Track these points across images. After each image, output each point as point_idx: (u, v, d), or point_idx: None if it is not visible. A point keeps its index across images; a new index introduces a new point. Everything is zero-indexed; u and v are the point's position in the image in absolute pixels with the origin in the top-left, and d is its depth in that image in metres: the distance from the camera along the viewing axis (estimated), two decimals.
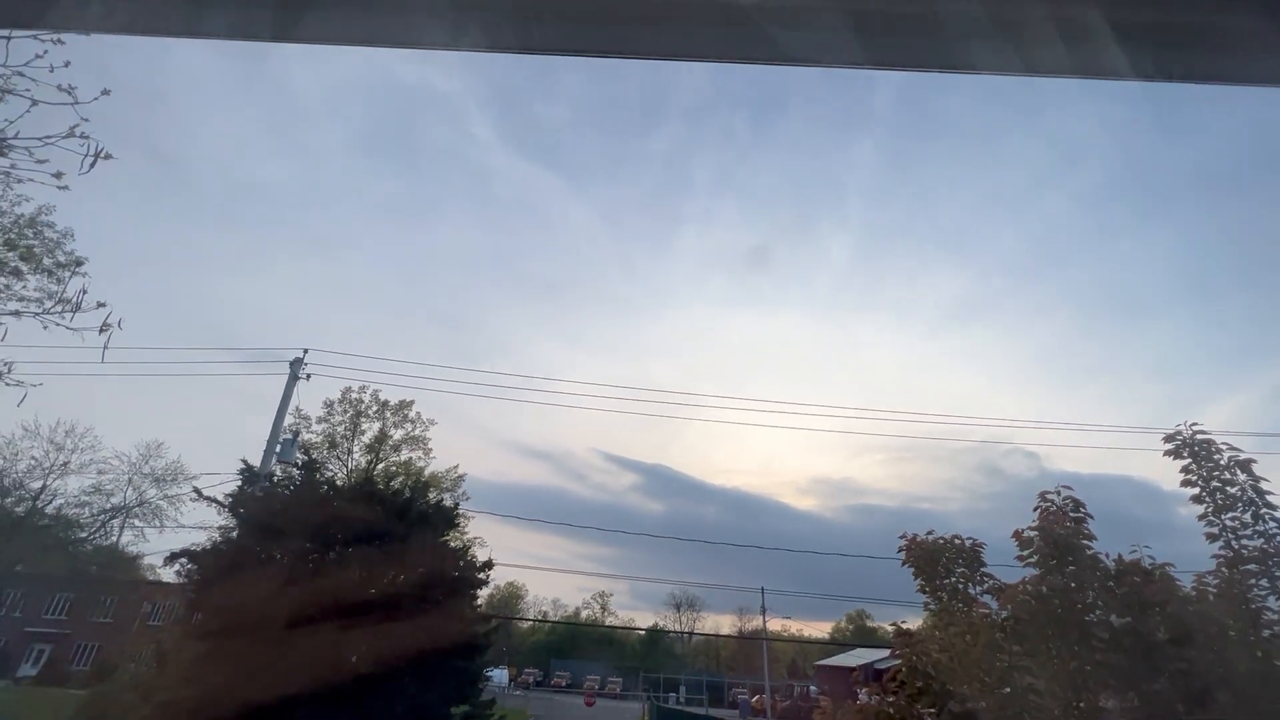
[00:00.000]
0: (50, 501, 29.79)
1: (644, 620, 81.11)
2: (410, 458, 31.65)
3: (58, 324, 6.85)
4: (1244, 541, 5.09)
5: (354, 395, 31.35)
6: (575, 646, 74.95)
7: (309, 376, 19.24)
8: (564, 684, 64.95)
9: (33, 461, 29.38)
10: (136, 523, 31.70)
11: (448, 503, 15.62)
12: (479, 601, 14.52)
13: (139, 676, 9.37)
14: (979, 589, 5.91)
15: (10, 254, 9.26)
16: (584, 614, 79.12)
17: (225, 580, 10.02)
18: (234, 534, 11.47)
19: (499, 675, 44.38)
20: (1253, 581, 4.93)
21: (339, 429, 31.11)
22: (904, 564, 6.26)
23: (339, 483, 18.62)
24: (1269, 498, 5.06)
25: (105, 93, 5.61)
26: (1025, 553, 5.61)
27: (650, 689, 55.81)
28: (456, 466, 32.81)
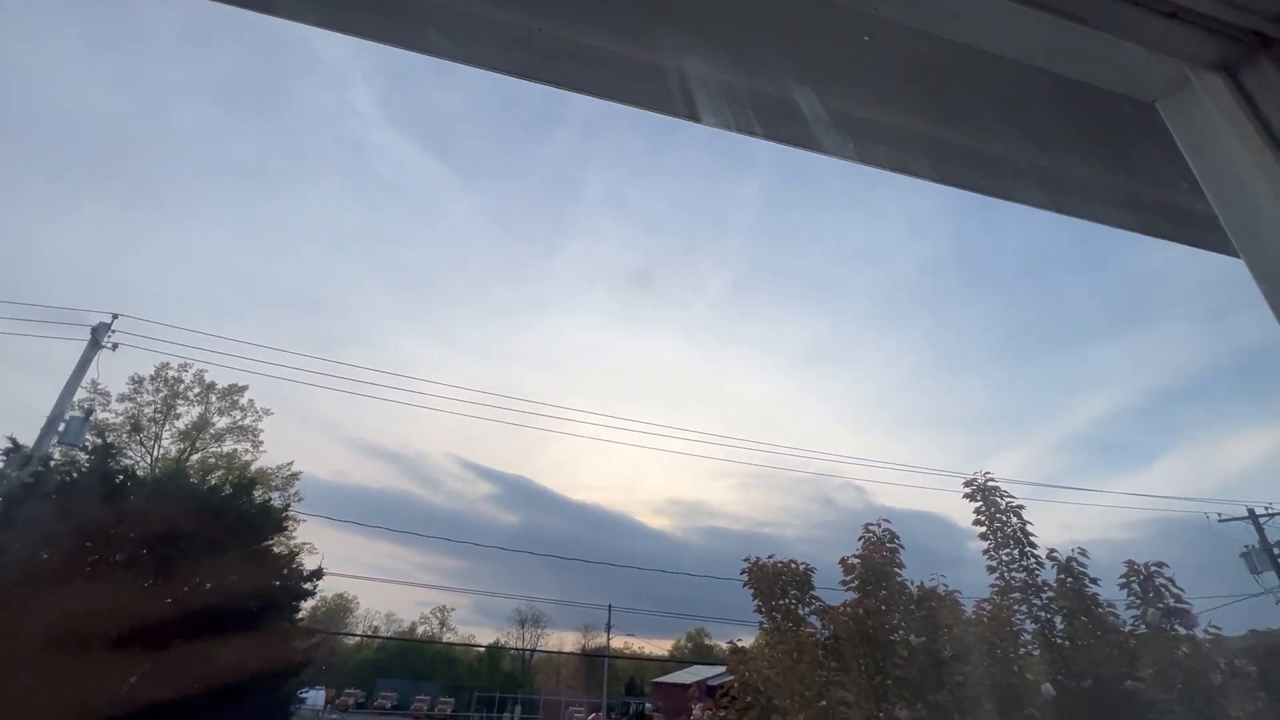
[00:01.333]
0: None
1: (486, 637, 77.96)
2: (235, 450, 28.02)
3: None
4: (1012, 574, 6.09)
5: (171, 373, 27.23)
6: (407, 665, 70.04)
7: (115, 346, 16.42)
8: (390, 705, 60.29)
9: None
10: None
11: (276, 503, 14.05)
12: (301, 615, 13.13)
13: None
14: (808, 610, 6.46)
15: None
16: (420, 629, 74.38)
17: None
18: None
19: (315, 696, 40.12)
20: (1016, 608, 5.90)
21: (147, 410, 26.81)
22: (745, 585, 6.68)
23: (140, 473, 15.99)
24: (1032, 538, 6.11)
25: None
26: (849, 578, 6.23)
27: (484, 709, 53.61)
28: (291, 463, 29.55)
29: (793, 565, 6.75)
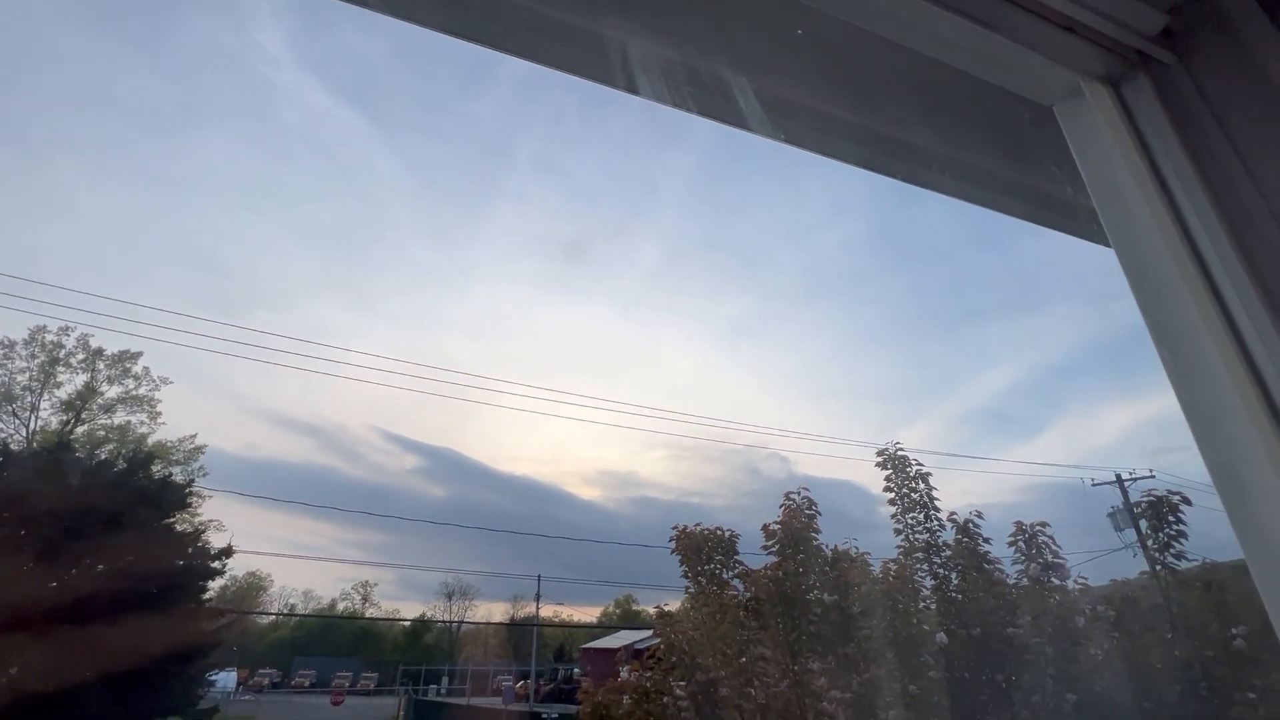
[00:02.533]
0: None
1: (411, 611, 76.65)
2: (129, 422, 25.82)
3: None
4: (916, 535, 6.62)
5: (50, 337, 24.58)
6: (327, 642, 67.96)
7: None
8: (308, 683, 58.48)
9: None
10: None
11: (178, 478, 13.14)
12: (209, 595, 12.43)
13: None
14: (731, 574, 6.78)
15: None
16: (341, 606, 72.17)
17: None
18: None
19: (226, 678, 38.28)
20: (919, 567, 6.45)
21: (20, 378, 24.15)
22: (673, 552, 6.92)
23: (14, 448, 14.44)
24: (937, 503, 6.65)
25: None
26: (770, 543, 6.59)
27: (410, 682, 53.03)
28: (194, 436, 27.60)
29: (718, 532, 7.04)
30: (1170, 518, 6.25)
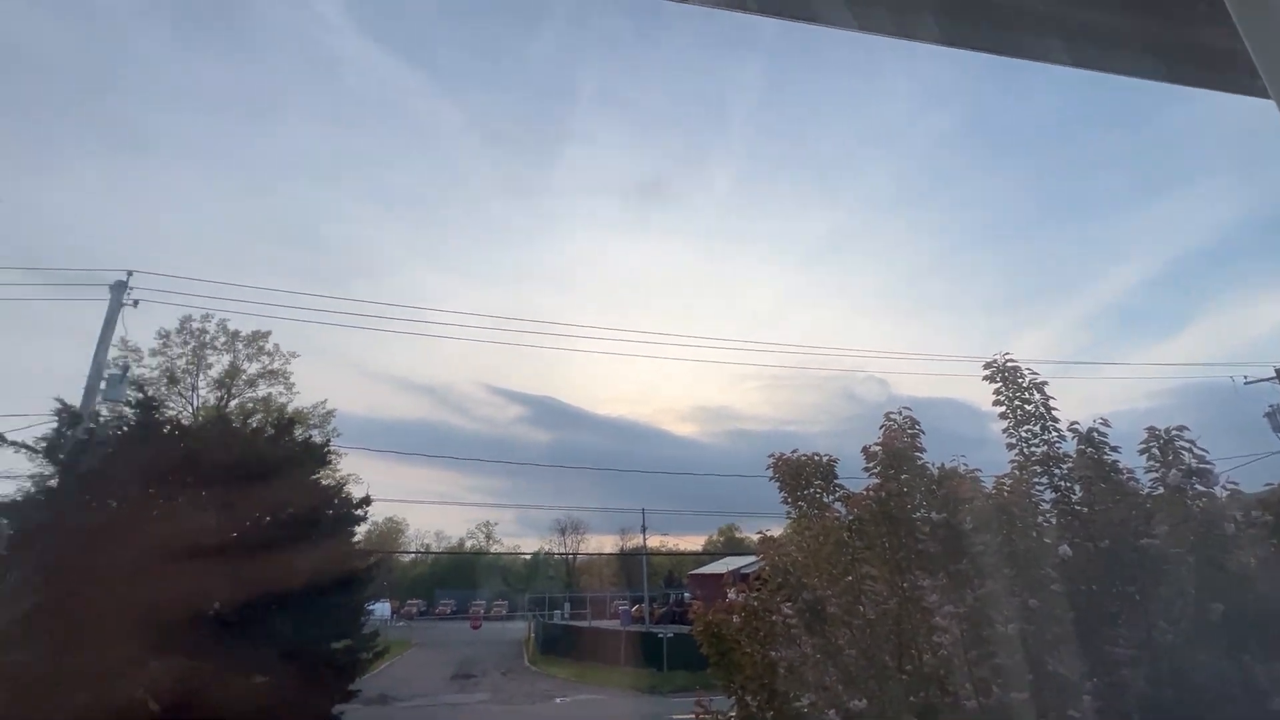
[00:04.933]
0: None
1: (530, 546, 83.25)
2: (270, 393, 29.03)
3: None
4: (1032, 448, 6.23)
5: (195, 325, 27.77)
6: (460, 576, 75.70)
7: (136, 303, 16.69)
8: (449, 611, 65.77)
9: None
10: None
11: (317, 440, 14.68)
12: (357, 539, 14.10)
13: None
14: (832, 498, 6.75)
15: None
16: (469, 544, 79.56)
17: (47, 534, 8.83)
18: (52, 483, 10.01)
19: (381, 608, 43.87)
20: (1036, 481, 6.10)
21: (179, 363, 27.62)
22: (771, 479, 6.97)
23: (185, 422, 16.73)
24: (1055, 413, 6.18)
25: None
26: (871, 465, 6.45)
27: (536, 609, 58.19)
28: (325, 401, 30.64)
29: (816, 457, 6.99)
30: None
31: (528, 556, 79.88)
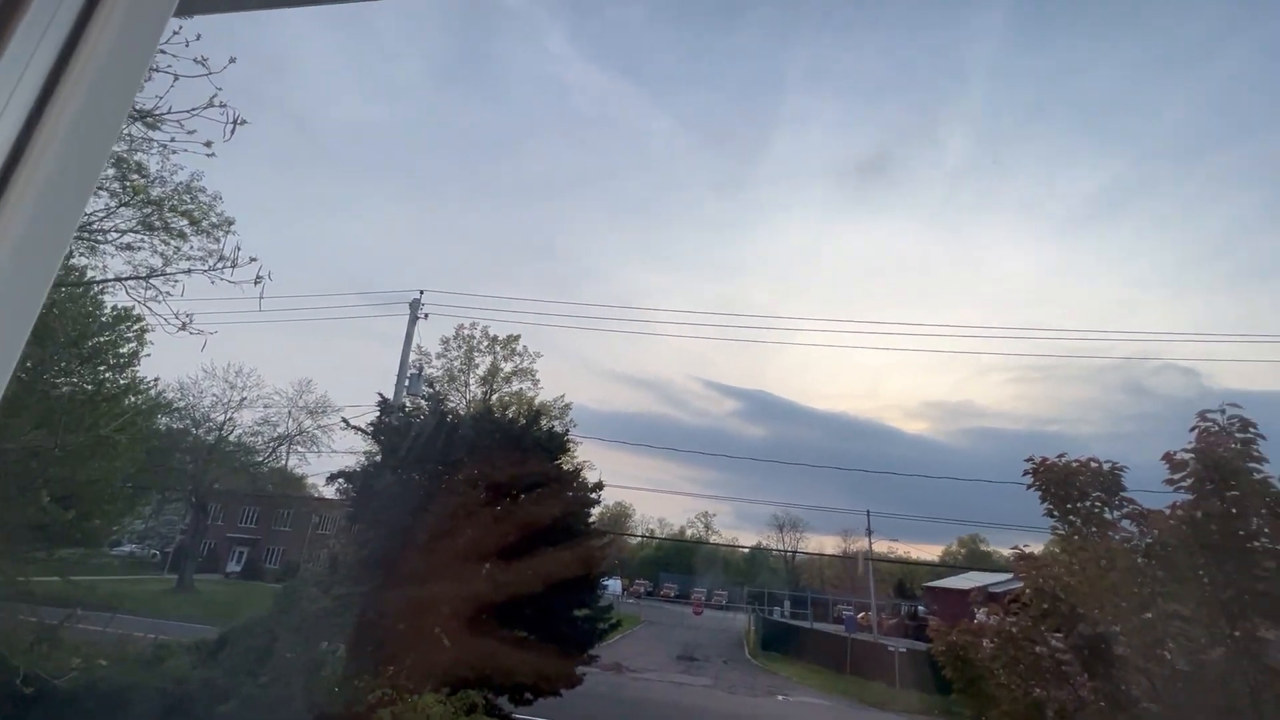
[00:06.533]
0: (232, 431, 35.12)
1: (747, 540, 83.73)
2: (521, 389, 33.75)
3: (221, 278, 7.81)
4: None
5: (465, 332, 33.53)
6: (680, 562, 79.21)
7: (427, 316, 20.73)
8: (672, 594, 69.29)
9: (214, 398, 34.63)
10: (299, 448, 36.82)
11: (558, 429, 16.63)
12: (592, 520, 15.65)
13: (317, 574, 11.19)
14: (1117, 514, 5.53)
15: (178, 218, 10.54)
16: (689, 532, 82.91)
17: (375, 498, 11.48)
18: (378, 458, 12.98)
19: (613, 585, 48.18)
20: None
21: (455, 364, 33.62)
22: (1030, 487, 5.96)
23: (461, 413, 20.32)
24: None
25: (232, 60, 6.04)
26: (1177, 476, 5.13)
27: (755, 603, 58.24)
28: (563, 395, 34.65)
29: (1092, 464, 5.80)
30: None
31: (745, 550, 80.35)
